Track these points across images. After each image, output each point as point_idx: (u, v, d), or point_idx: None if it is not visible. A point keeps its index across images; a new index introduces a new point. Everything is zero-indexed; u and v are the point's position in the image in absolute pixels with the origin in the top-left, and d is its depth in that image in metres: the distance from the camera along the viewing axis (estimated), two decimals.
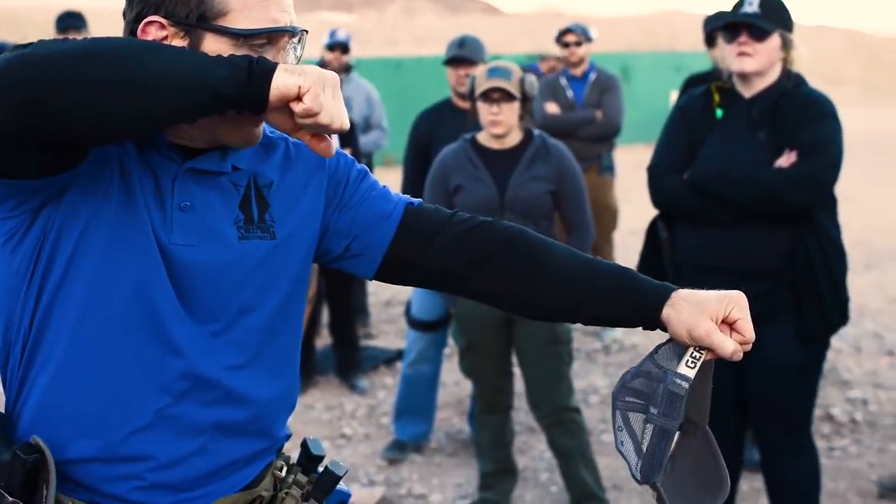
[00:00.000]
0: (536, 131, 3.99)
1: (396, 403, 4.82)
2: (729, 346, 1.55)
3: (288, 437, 1.77)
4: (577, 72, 6.77)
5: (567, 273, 1.67)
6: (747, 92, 3.28)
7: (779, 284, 3.24)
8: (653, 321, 1.62)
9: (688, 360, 1.56)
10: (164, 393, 1.55)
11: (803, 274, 3.21)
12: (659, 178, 3.40)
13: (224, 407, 1.59)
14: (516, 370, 4.16)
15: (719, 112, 3.31)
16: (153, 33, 1.50)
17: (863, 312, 6.97)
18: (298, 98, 1.40)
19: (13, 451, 1.50)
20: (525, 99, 3.84)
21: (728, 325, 1.57)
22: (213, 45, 1.48)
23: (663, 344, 1.60)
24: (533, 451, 4.73)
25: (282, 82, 1.39)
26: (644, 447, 1.55)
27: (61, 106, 1.33)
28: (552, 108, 6.63)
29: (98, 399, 1.53)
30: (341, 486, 1.77)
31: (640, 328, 1.66)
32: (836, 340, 5.64)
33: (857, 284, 7.06)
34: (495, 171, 3.88)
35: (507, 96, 3.80)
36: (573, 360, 4.06)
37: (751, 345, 1.58)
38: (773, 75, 3.26)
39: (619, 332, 6.42)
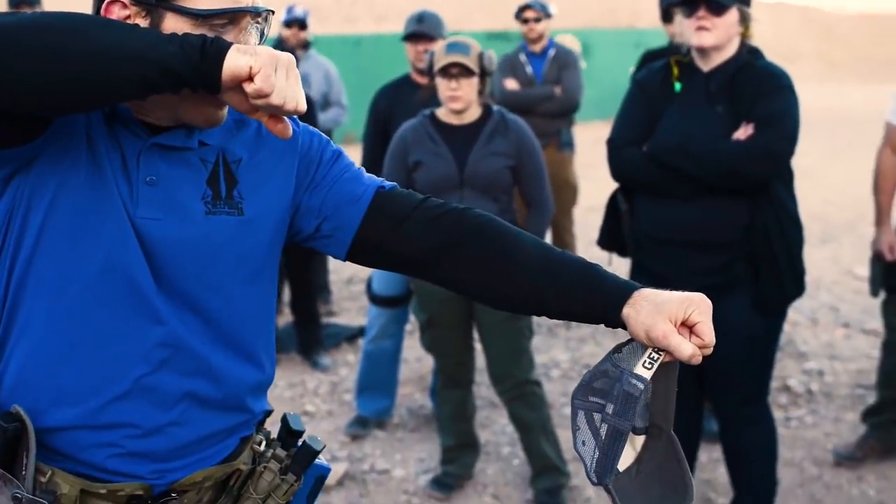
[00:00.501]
0: (495, 107, 3.98)
1: (358, 380, 4.82)
2: (686, 350, 1.51)
3: (268, 412, 1.79)
4: (537, 48, 6.76)
5: (533, 266, 1.65)
6: (705, 66, 3.30)
7: (736, 256, 3.27)
8: (613, 320, 1.59)
9: (645, 361, 1.53)
10: (143, 361, 1.56)
11: (760, 245, 3.24)
12: (618, 151, 3.42)
13: (200, 379, 1.61)
14: (478, 345, 4.17)
15: (678, 85, 3.33)
16: (116, 12, 1.51)
17: (819, 285, 7.06)
18: (250, 78, 1.40)
19: None
20: (484, 74, 3.84)
21: (688, 327, 1.53)
22: (174, 25, 1.49)
23: (625, 344, 1.58)
24: (495, 425, 4.76)
25: (233, 62, 1.39)
26: (601, 447, 1.53)
27: (7, 73, 1.33)
28: (511, 83, 6.62)
29: (77, 368, 1.54)
30: (321, 460, 1.79)
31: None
32: (792, 313, 5.72)
33: (814, 258, 7.14)
34: (455, 146, 3.86)
35: (465, 72, 3.78)
36: (534, 335, 4.08)
37: (711, 349, 1.53)
38: (730, 49, 3.28)
39: None
